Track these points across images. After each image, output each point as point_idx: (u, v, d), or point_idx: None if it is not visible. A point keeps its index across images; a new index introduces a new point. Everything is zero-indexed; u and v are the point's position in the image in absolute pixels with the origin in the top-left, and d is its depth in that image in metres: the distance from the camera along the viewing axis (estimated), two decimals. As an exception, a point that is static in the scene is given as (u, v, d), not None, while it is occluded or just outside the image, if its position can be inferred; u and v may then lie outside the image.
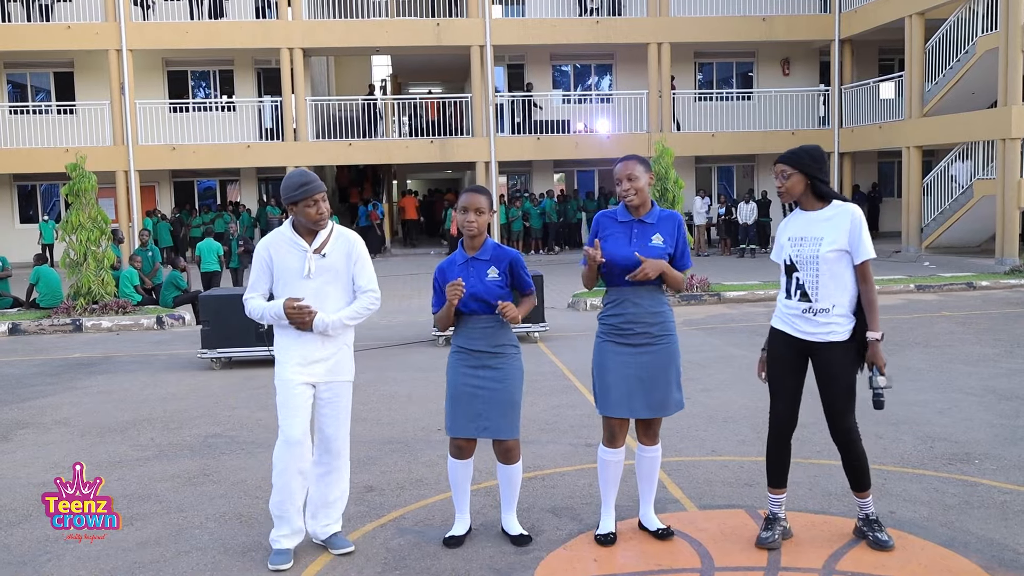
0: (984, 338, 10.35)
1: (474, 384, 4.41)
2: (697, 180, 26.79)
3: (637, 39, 24.55)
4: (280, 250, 4.41)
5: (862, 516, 4.41)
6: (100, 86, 24.47)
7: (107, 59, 23.47)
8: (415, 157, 24.86)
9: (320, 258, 4.39)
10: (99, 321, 13.18)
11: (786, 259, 4.34)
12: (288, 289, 4.38)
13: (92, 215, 13.81)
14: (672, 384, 4.41)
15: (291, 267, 4.38)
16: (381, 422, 7.14)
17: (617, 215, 4.45)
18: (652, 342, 4.36)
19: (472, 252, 4.45)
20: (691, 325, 11.96)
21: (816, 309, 4.23)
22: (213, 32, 23.72)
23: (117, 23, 23.14)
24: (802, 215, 4.35)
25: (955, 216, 20.79)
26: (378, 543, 4.61)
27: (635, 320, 4.34)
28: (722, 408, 7.26)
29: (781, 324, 4.36)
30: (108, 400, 8.33)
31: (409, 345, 10.85)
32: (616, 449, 4.45)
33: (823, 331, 4.23)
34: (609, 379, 4.37)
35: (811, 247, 4.23)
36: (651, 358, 4.35)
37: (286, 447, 4.35)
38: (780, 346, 4.35)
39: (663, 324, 4.40)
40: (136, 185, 23.72)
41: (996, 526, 4.59)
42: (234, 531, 4.84)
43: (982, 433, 6.34)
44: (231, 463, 6.13)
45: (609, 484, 4.51)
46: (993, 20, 19.17)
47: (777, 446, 4.40)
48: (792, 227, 4.37)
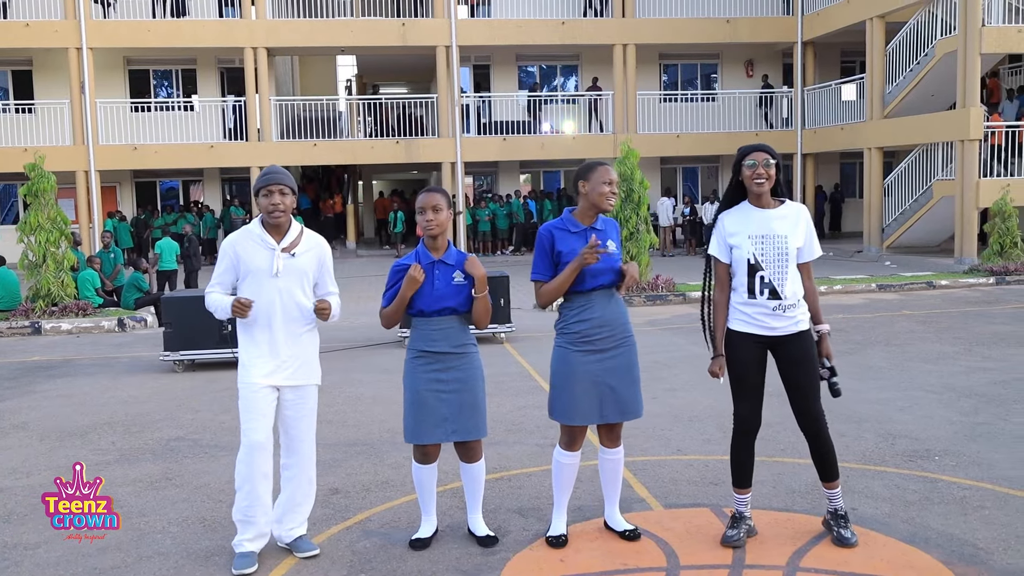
0: (944, 336, 10.50)
1: (439, 388, 4.38)
2: (662, 181, 26.96)
3: (602, 40, 24.65)
4: (247, 247, 4.35)
5: (831, 510, 4.44)
6: (60, 85, 24.10)
7: (67, 57, 23.13)
8: (381, 157, 24.78)
9: (289, 257, 4.35)
10: (59, 324, 12.98)
11: (750, 258, 4.28)
12: (255, 287, 4.32)
13: (51, 216, 13.60)
14: (637, 385, 4.43)
15: (259, 265, 4.32)
16: (346, 424, 7.10)
17: (567, 225, 4.39)
18: (618, 345, 4.37)
19: (437, 254, 4.42)
20: (656, 325, 12.02)
21: (785, 305, 4.27)
22: (175, 31, 23.47)
23: (77, 21, 22.82)
24: (753, 212, 4.31)
25: (915, 216, 21.07)
26: (344, 545, 4.58)
27: (603, 324, 4.34)
28: (687, 407, 7.30)
29: (745, 326, 4.32)
30: (68, 404, 8.21)
31: (374, 346, 10.80)
32: (575, 452, 4.44)
33: (791, 323, 4.30)
34: (578, 388, 4.31)
35: (778, 245, 4.25)
36: (617, 362, 4.36)
37: (249, 452, 4.30)
38: (745, 348, 4.33)
39: (626, 325, 4.43)
40: (97, 186, 23.41)
41: (956, 521, 4.66)
42: (197, 535, 4.79)
43: (942, 430, 6.43)
44: (194, 467, 6.06)
45: (564, 487, 4.49)
46: (952, 23, 19.45)
47: (743, 447, 4.42)
48: (748, 225, 4.30)
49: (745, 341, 4.33)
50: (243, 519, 4.36)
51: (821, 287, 15.13)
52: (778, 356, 4.36)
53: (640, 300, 14.20)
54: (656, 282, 14.67)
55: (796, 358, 4.31)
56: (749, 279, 4.29)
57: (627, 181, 14.42)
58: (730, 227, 4.34)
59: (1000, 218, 17.06)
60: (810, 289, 4.38)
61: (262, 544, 4.41)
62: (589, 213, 4.40)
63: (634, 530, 4.53)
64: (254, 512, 4.34)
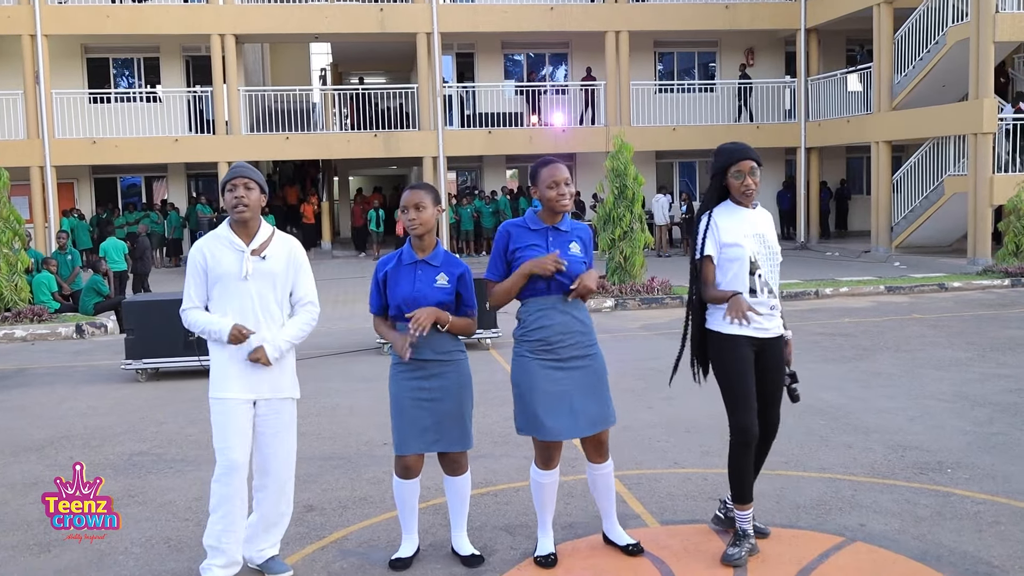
0: (956, 341, 10.57)
1: (420, 396, 4.39)
2: (658, 177, 27.01)
3: (593, 27, 24.68)
4: (216, 251, 4.33)
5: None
6: (12, 74, 23.97)
7: (20, 45, 22.98)
8: (357, 152, 24.74)
9: (259, 260, 4.33)
10: (12, 330, 12.91)
11: (751, 256, 4.38)
12: (225, 292, 4.30)
13: (4, 215, 13.54)
14: (606, 397, 4.44)
15: (228, 268, 4.30)
16: (322, 436, 7.09)
17: (528, 223, 4.42)
18: (582, 354, 4.38)
19: (422, 254, 4.43)
20: (651, 330, 12.05)
21: (775, 305, 4.45)
22: (137, 16, 23.37)
23: (31, 5, 22.68)
24: (738, 212, 4.45)
25: (926, 214, 21.16)
26: (319, 567, 4.57)
27: (565, 331, 4.33)
28: (684, 417, 7.32)
29: (739, 328, 4.35)
30: (23, 416, 8.17)
31: (351, 354, 10.79)
32: (552, 471, 4.43)
33: (776, 325, 4.48)
34: (544, 401, 4.29)
35: (769, 244, 4.45)
36: (583, 372, 4.37)
37: (227, 472, 4.26)
38: (740, 351, 4.39)
39: (589, 334, 4.43)
40: (53, 182, 23.27)
41: (970, 537, 4.69)
42: (162, 556, 4.77)
43: (954, 441, 6.47)
44: (158, 483, 6.04)
45: (545, 505, 4.50)
46: (964, 9, 19.54)
47: (748, 459, 4.44)
48: (740, 225, 4.41)
49: (740, 344, 4.39)
50: (215, 545, 4.32)
51: (826, 289, 15.22)
52: (760, 359, 4.46)
53: (635, 303, 14.24)
54: (651, 284, 14.70)
55: (775, 363, 4.49)
56: (750, 279, 4.39)
57: (620, 177, 14.46)
58: (726, 227, 4.41)
59: (1015, 216, 17.13)
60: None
61: (233, 572, 4.38)
62: (551, 213, 4.41)
63: (636, 544, 4.55)
64: (226, 539, 4.31)
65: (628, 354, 10.09)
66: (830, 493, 5.42)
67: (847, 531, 4.82)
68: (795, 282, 15.93)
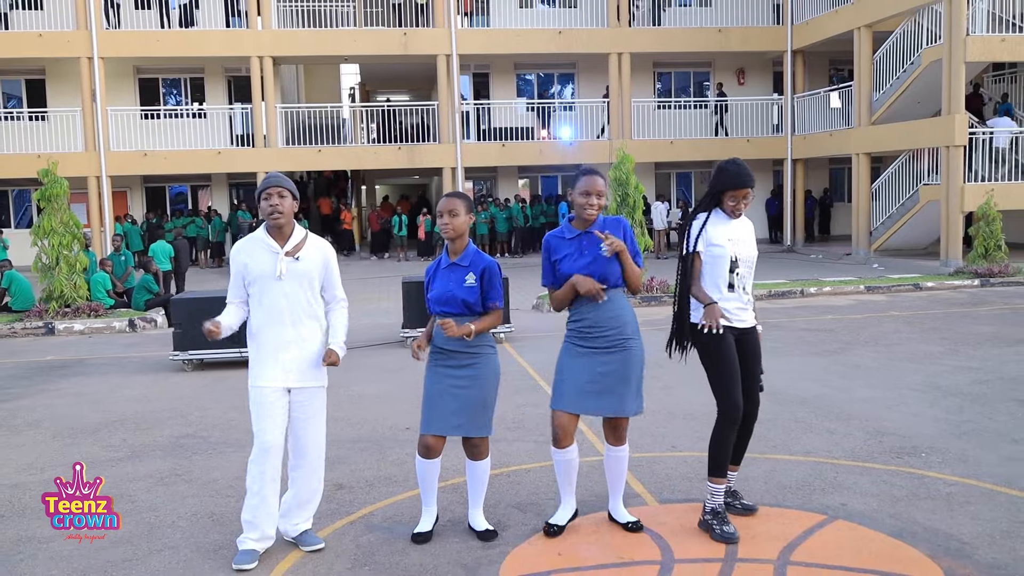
0: (930, 337, 10.51)
1: (448, 383, 4.42)
2: (657, 185, 26.96)
3: (598, 49, 24.65)
4: (253, 253, 4.37)
5: (728, 490, 4.72)
6: (72, 93, 24.09)
7: (79, 67, 23.11)
8: (383, 163, 24.77)
9: (293, 261, 4.35)
10: (71, 324, 12.98)
11: (732, 257, 4.46)
12: (261, 290, 4.34)
13: (64, 220, 13.60)
14: (630, 388, 4.45)
15: (264, 269, 4.34)
16: (351, 421, 7.10)
17: (564, 233, 4.48)
18: (611, 347, 4.40)
19: (454, 257, 4.46)
20: (652, 325, 11.96)
21: (749, 300, 4.57)
22: (183, 40, 23.47)
23: (88, 31, 22.81)
24: (725, 220, 4.55)
25: (902, 220, 21.07)
26: (348, 540, 4.58)
27: (595, 324, 4.42)
28: (681, 405, 7.31)
29: (724, 320, 4.44)
30: (80, 402, 8.21)
31: (377, 346, 10.80)
32: (563, 449, 4.46)
33: (751, 316, 4.59)
34: (566, 376, 4.45)
35: (748, 248, 4.56)
36: (612, 358, 4.40)
37: (261, 454, 4.30)
38: (729, 341, 4.47)
39: (621, 328, 4.43)
40: (108, 190, 23.38)
41: (942, 517, 4.66)
42: (206, 529, 4.79)
43: (928, 428, 6.44)
44: (203, 463, 6.06)
45: (563, 482, 4.56)
46: (937, 32, 19.47)
47: (732, 435, 4.48)
48: (725, 230, 4.51)
49: (725, 333, 4.44)
50: (250, 520, 4.35)
51: (811, 288, 15.15)
52: (739, 347, 4.54)
53: (635, 301, 14.20)
54: (651, 284, 14.67)
55: (753, 349, 4.58)
56: (729, 276, 4.49)
57: (622, 186, 14.43)
58: (713, 230, 4.53)
59: (984, 222, 17.06)
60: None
61: (266, 545, 4.40)
62: (581, 220, 4.46)
63: (636, 522, 4.56)
64: (261, 516, 4.33)
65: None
66: (814, 475, 5.40)
67: (829, 510, 4.80)
68: (782, 282, 15.87)
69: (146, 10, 24.11)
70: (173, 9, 24.14)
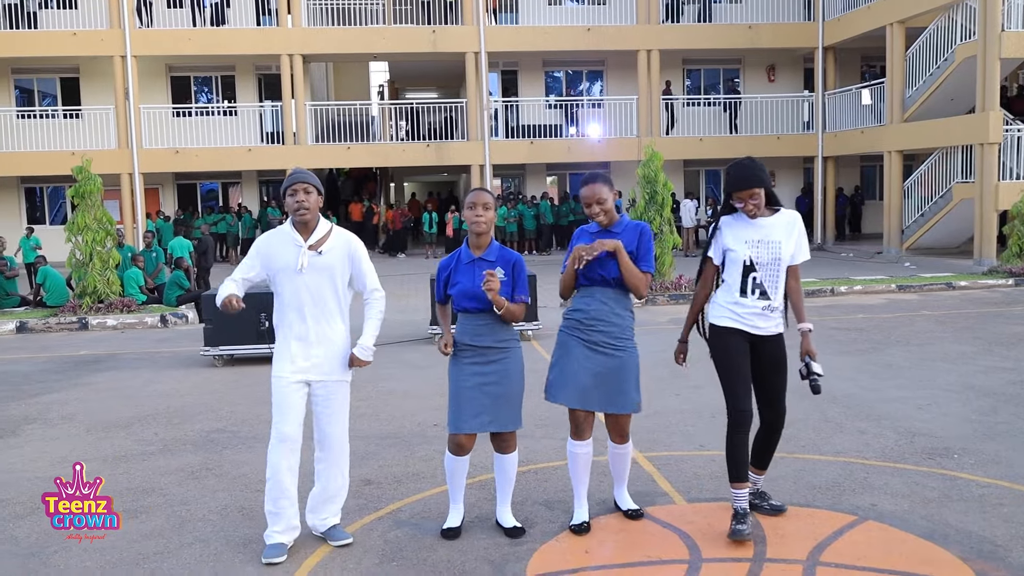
0: (963, 336, 10.38)
1: (477, 380, 4.41)
2: (686, 183, 26.82)
3: (627, 46, 24.56)
4: (277, 245, 4.41)
5: (755, 491, 4.69)
6: (105, 91, 24.41)
7: (112, 65, 23.40)
8: (411, 160, 24.85)
9: (316, 255, 4.37)
10: (104, 320, 13.14)
11: (746, 260, 4.38)
12: (283, 283, 4.38)
13: (97, 216, 13.77)
14: (629, 386, 4.47)
15: (286, 261, 4.37)
16: (379, 418, 7.13)
17: (590, 228, 4.59)
18: (609, 348, 4.43)
19: (478, 252, 4.46)
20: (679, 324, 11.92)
21: (773, 307, 4.42)
22: (215, 39, 23.67)
23: (121, 30, 23.08)
24: (745, 221, 4.44)
25: (935, 218, 20.82)
26: (376, 535, 4.60)
27: (598, 318, 4.44)
28: (710, 404, 7.26)
29: (733, 322, 4.42)
30: (113, 396, 8.31)
31: (405, 343, 10.84)
32: (582, 441, 4.52)
33: (772, 324, 4.44)
34: (569, 369, 4.45)
35: (772, 250, 4.39)
36: (607, 359, 4.44)
37: (278, 444, 4.34)
38: (736, 343, 4.42)
39: (622, 330, 4.47)
40: (140, 187, 23.65)
41: (975, 519, 4.60)
42: (236, 523, 4.83)
43: (961, 428, 6.36)
44: (232, 457, 6.11)
45: (579, 476, 4.58)
46: (971, 28, 19.21)
47: (742, 440, 4.42)
48: (745, 231, 4.42)
49: (730, 335, 4.42)
50: (272, 511, 4.38)
51: (841, 287, 15.02)
52: (756, 354, 4.45)
53: (663, 299, 14.15)
54: (679, 282, 14.61)
55: (776, 358, 4.47)
56: (743, 279, 4.40)
57: (651, 183, 14.38)
58: (728, 234, 4.48)
59: (1019, 220, 16.80)
60: (795, 289, 4.50)
61: (293, 536, 4.43)
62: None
63: (637, 510, 4.69)
64: (282, 504, 4.36)
65: (656, 346, 10.02)
66: (844, 475, 5.35)
67: (860, 510, 4.75)
68: (812, 281, 15.73)
69: (178, 8, 24.37)
70: (204, 8, 24.35)
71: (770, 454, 4.63)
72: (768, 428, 4.56)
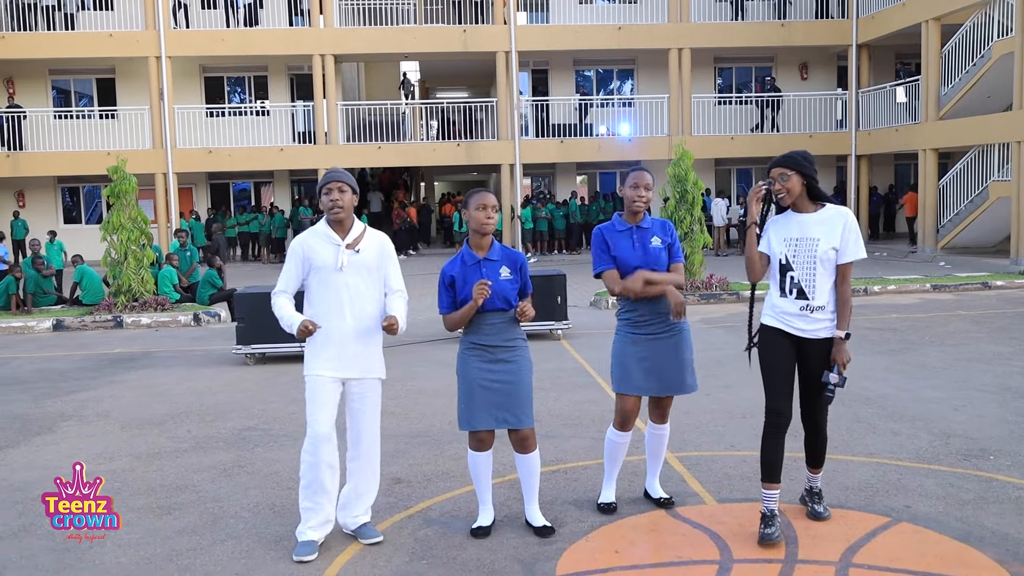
0: (999, 337, 10.22)
1: (490, 378, 4.44)
2: (716, 182, 26.67)
3: (657, 45, 24.46)
4: (314, 245, 4.44)
5: (808, 488, 4.67)
6: (140, 92, 24.70)
7: (147, 66, 23.68)
8: (442, 159, 24.91)
9: (353, 253, 4.41)
10: (139, 318, 13.30)
11: (781, 259, 4.33)
12: (322, 282, 4.40)
13: (132, 216, 13.94)
14: (685, 367, 4.71)
15: (325, 261, 4.40)
16: (409, 416, 7.16)
17: (615, 225, 4.76)
18: (663, 331, 4.67)
19: (482, 253, 4.48)
20: (711, 323, 11.89)
21: (813, 307, 4.31)
22: (248, 39, 23.88)
23: (156, 31, 23.35)
24: (794, 216, 4.37)
25: (971, 217, 20.55)
26: (406, 533, 4.62)
27: (649, 314, 4.67)
28: (740, 404, 7.22)
29: (774, 322, 4.40)
30: (147, 394, 8.40)
31: (435, 342, 10.86)
32: (626, 432, 4.75)
33: (817, 327, 4.33)
34: (628, 363, 4.66)
35: (808, 248, 4.29)
36: (664, 343, 4.66)
37: (313, 443, 4.36)
38: (777, 343, 4.38)
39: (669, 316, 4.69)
40: (174, 187, 23.92)
41: (1011, 521, 4.53)
42: (267, 521, 4.87)
43: (997, 430, 6.27)
44: (265, 455, 6.16)
45: (614, 461, 4.83)
46: (1009, 25, 18.92)
47: (775, 442, 4.37)
48: (785, 228, 4.37)
49: (777, 337, 4.39)
50: (308, 507, 4.41)
51: (875, 286, 14.84)
52: (803, 357, 4.39)
53: (694, 299, 14.07)
54: (710, 281, 14.51)
55: (810, 364, 4.38)
56: (780, 279, 4.37)
57: (682, 182, 14.29)
58: (771, 232, 4.45)
59: (1057, 219, 16.55)
60: (841, 290, 4.35)
61: (326, 531, 4.46)
62: (631, 213, 4.73)
63: (668, 498, 4.85)
64: (319, 500, 4.40)
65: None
66: (877, 476, 5.29)
67: (893, 512, 4.70)
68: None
69: (212, 10, 24.60)
70: (238, 9, 24.57)
71: (819, 454, 4.56)
72: (809, 433, 4.53)
